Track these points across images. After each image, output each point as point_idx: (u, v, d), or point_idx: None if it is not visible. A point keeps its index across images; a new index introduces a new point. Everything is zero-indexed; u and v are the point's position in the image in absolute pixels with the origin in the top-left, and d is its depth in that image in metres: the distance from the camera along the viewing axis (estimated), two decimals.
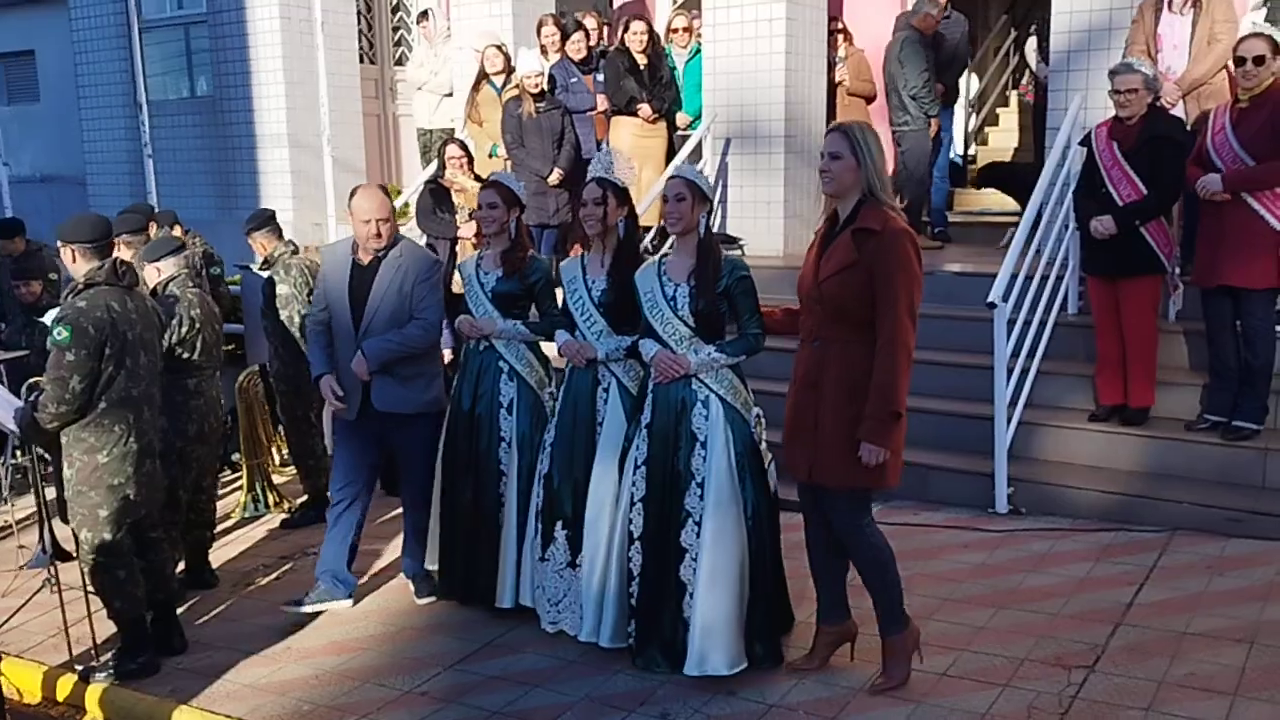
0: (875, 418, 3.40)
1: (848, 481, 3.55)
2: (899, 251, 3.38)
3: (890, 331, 3.38)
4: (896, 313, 3.37)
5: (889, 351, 3.38)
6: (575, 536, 4.20)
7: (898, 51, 7.39)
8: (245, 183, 9.88)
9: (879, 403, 3.39)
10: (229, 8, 9.64)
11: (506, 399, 4.43)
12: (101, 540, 4.12)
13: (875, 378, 3.39)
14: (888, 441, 3.42)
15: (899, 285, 3.37)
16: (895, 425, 3.41)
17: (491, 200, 4.47)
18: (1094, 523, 5.13)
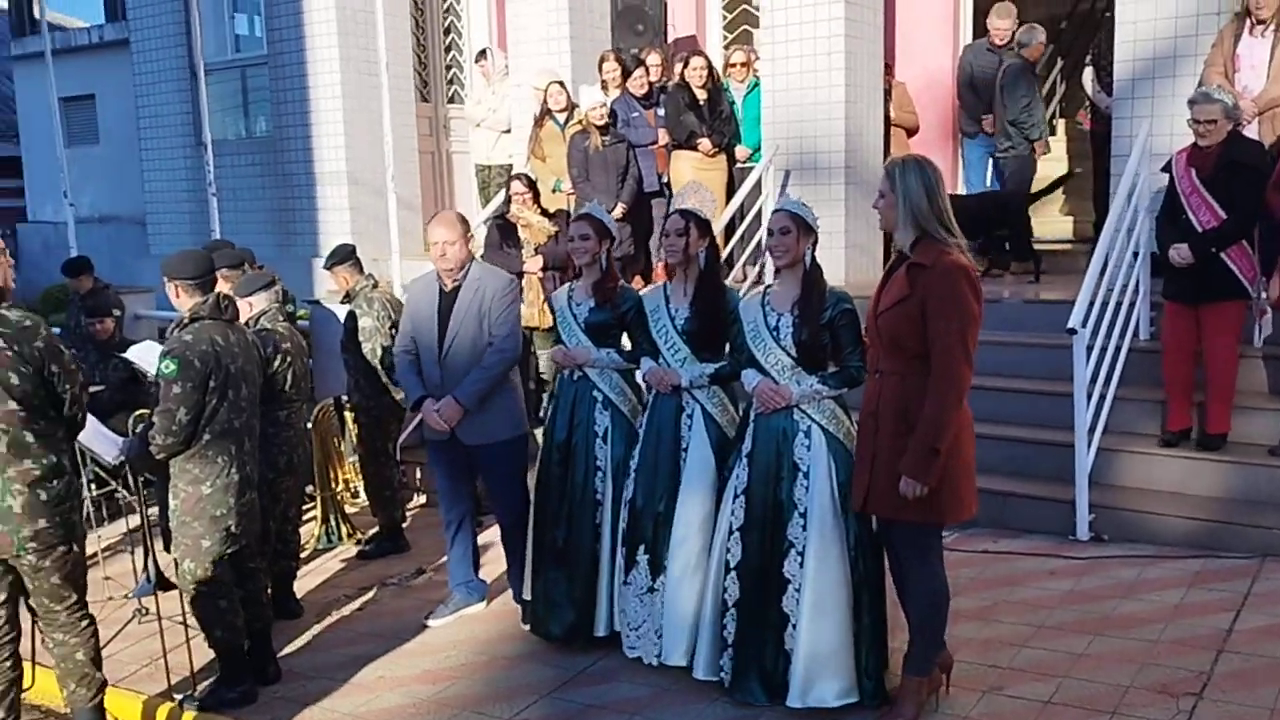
0: (915, 452, 3.39)
1: (898, 514, 3.55)
2: (951, 286, 3.37)
3: (940, 366, 3.37)
4: (948, 347, 3.36)
5: (938, 387, 3.37)
6: (656, 561, 4.22)
7: (1001, 79, 7.46)
8: (304, 220, 10.05)
9: (921, 437, 3.38)
10: (289, 50, 9.85)
11: (601, 428, 4.48)
12: (204, 570, 4.17)
13: (924, 411, 3.39)
14: (925, 476, 3.39)
15: (950, 320, 3.36)
16: (935, 461, 3.37)
17: (584, 231, 4.54)
18: (1180, 549, 5.09)
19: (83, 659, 3.89)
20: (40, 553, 3.66)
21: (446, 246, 4.60)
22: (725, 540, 3.98)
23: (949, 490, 3.48)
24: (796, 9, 7.60)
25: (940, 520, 3.59)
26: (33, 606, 3.80)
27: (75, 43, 13.10)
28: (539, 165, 7.93)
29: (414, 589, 5.49)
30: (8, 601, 3.73)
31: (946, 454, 3.40)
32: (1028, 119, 7.46)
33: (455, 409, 4.58)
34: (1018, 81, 7.45)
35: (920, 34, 9.01)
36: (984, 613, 4.58)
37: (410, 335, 4.77)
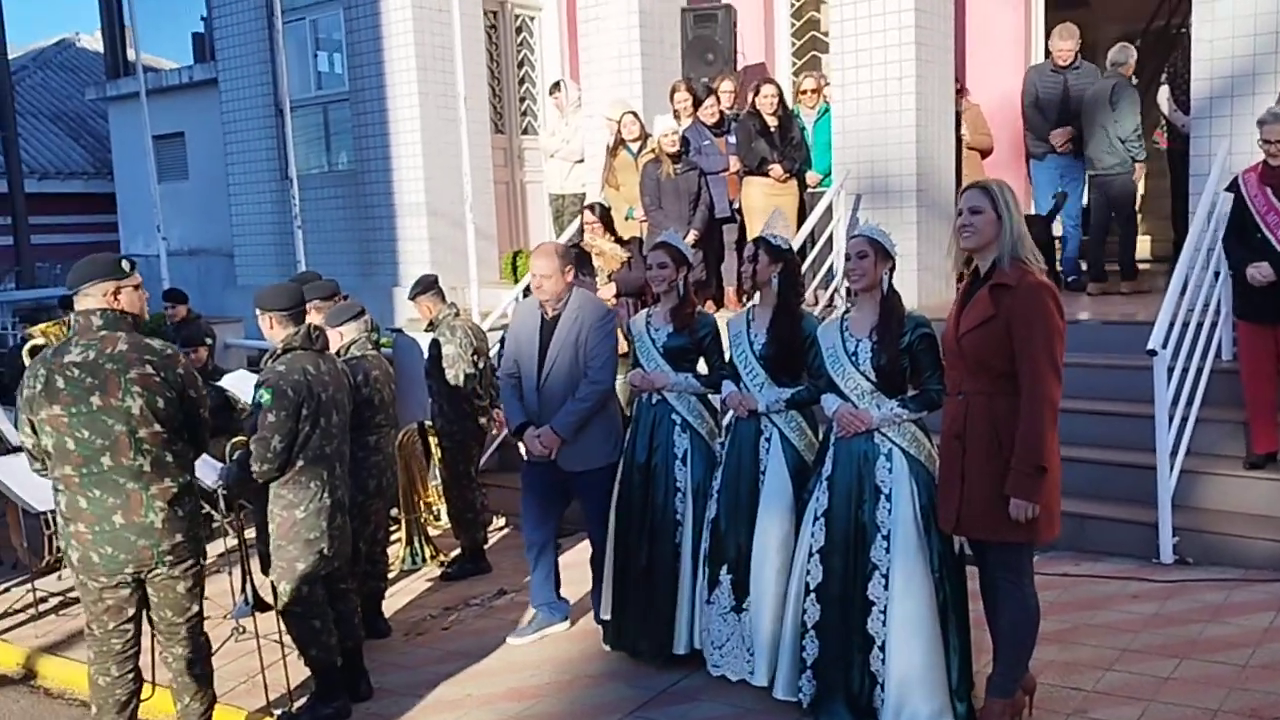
0: (1020, 471, 3.42)
1: (996, 535, 3.57)
2: (1037, 305, 3.42)
3: (1031, 385, 3.41)
4: (1037, 365, 3.40)
5: (1031, 405, 3.41)
6: (740, 581, 4.30)
7: (1109, 96, 7.47)
8: (384, 250, 10.33)
9: (1023, 457, 3.41)
10: (370, 86, 10.17)
11: (680, 450, 4.58)
12: (298, 592, 4.34)
13: (1020, 431, 3.42)
14: (1034, 495, 3.42)
15: (1038, 338, 3.40)
16: (1040, 479, 3.41)
17: (662, 260, 4.66)
18: (1268, 573, 5.02)
19: (199, 674, 4.07)
20: (173, 564, 3.85)
21: (543, 280, 4.75)
22: (805, 563, 4.04)
23: (1043, 509, 3.51)
24: (866, 35, 7.67)
25: (1036, 540, 3.61)
26: (155, 620, 3.98)
27: (166, 83, 13.64)
28: (613, 194, 8.09)
29: (497, 609, 5.62)
30: (135, 617, 3.92)
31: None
32: (1136, 138, 7.49)
33: (554, 439, 4.73)
34: (1127, 101, 7.47)
35: (991, 55, 9.01)
36: (1065, 635, 4.57)
37: (514, 359, 4.93)
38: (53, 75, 18.66)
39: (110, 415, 3.66)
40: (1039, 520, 3.50)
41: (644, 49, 8.82)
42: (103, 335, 3.71)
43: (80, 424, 3.65)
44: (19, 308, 11.67)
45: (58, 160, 16.57)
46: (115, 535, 3.71)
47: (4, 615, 5.94)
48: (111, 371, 3.67)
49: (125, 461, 3.70)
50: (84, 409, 3.64)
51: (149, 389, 3.72)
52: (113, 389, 3.66)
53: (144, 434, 3.72)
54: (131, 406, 3.68)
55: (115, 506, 3.70)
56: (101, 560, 3.72)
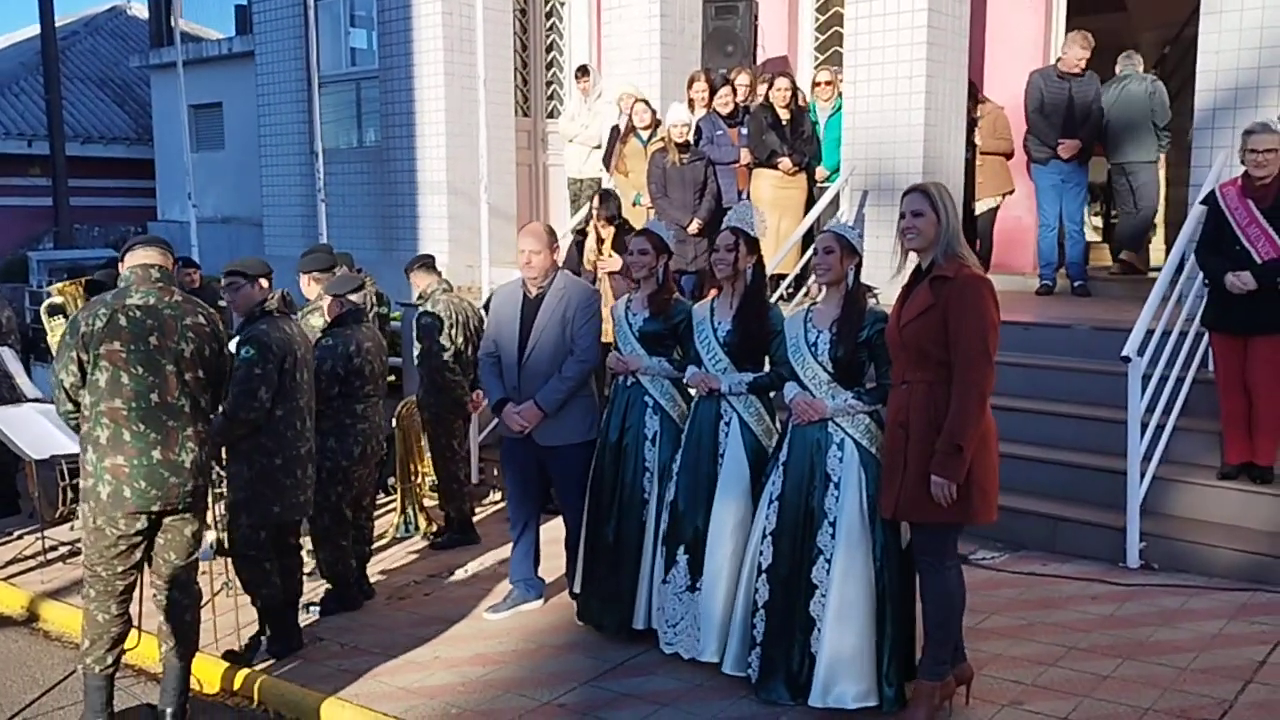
0: (941, 451, 3.60)
1: (929, 516, 3.72)
2: (973, 295, 3.61)
3: (962, 370, 3.58)
4: (969, 352, 3.57)
5: (959, 389, 3.58)
6: (696, 561, 4.44)
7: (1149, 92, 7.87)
8: (405, 226, 10.56)
9: (945, 437, 3.59)
10: (399, 65, 10.38)
11: (651, 431, 4.73)
12: (257, 536, 4.67)
13: (950, 412, 3.59)
14: (952, 474, 3.58)
15: (971, 326, 3.58)
16: (959, 459, 3.57)
17: (643, 246, 4.81)
18: (1229, 581, 5.09)
19: (189, 620, 4.29)
20: (191, 505, 4.11)
21: (532, 255, 4.91)
22: (759, 544, 4.19)
23: (977, 491, 3.67)
24: (880, 33, 7.74)
25: (969, 520, 3.75)
26: (158, 564, 4.19)
27: (207, 54, 13.95)
28: (621, 180, 8.23)
29: (479, 579, 5.81)
30: (141, 562, 4.15)
31: (972, 454, 3.59)
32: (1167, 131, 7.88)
33: (535, 413, 4.88)
34: (1162, 95, 7.89)
35: (1009, 58, 9.02)
36: (1018, 631, 4.67)
37: (493, 339, 5.09)
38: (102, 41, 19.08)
39: (164, 355, 3.96)
40: (972, 502, 3.65)
41: (664, 38, 8.94)
42: (160, 286, 4.04)
43: (136, 360, 3.92)
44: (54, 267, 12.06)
45: (101, 125, 16.97)
46: (152, 470, 3.96)
47: (14, 561, 6.23)
48: (170, 316, 3.99)
49: (170, 400, 3.98)
50: (141, 347, 3.93)
51: (200, 337, 4.04)
52: (170, 331, 3.97)
53: (189, 377, 4.02)
54: (185, 349, 3.99)
55: (156, 441, 3.96)
56: (134, 495, 3.95)
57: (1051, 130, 7.81)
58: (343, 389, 5.12)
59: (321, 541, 5.25)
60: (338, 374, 5.10)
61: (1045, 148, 7.88)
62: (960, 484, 3.61)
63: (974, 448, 3.60)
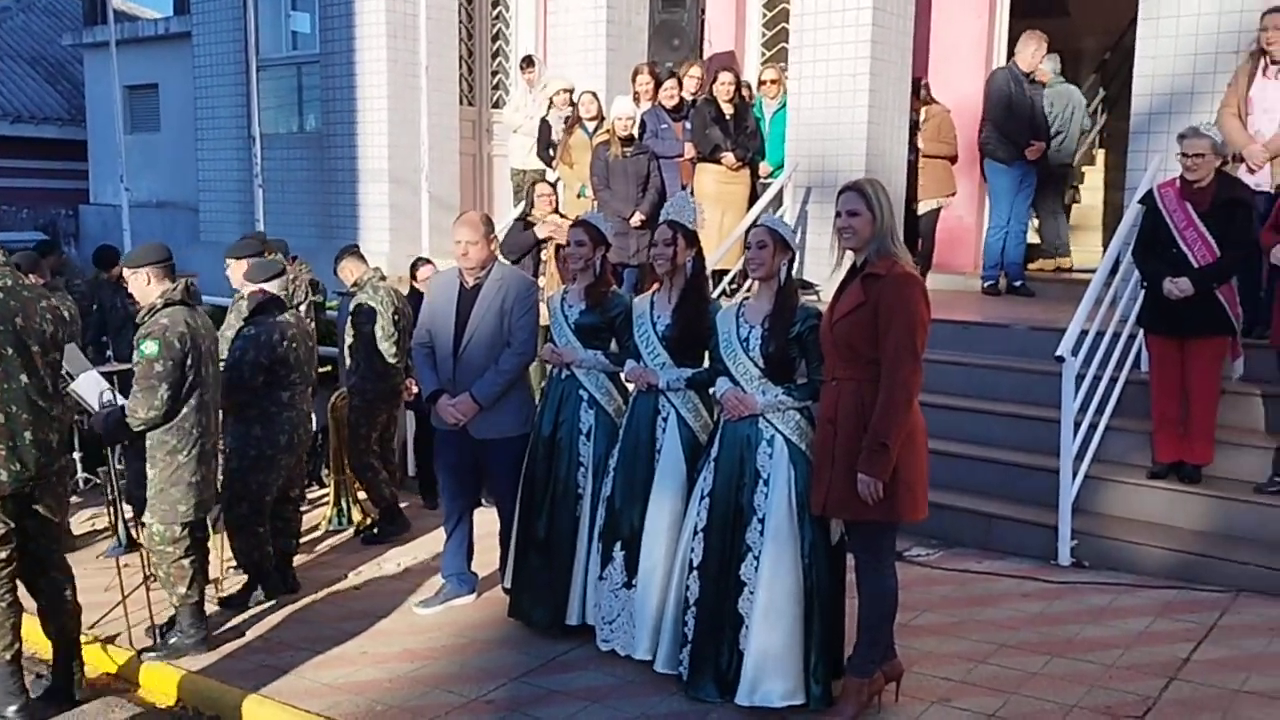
0: (867, 448, 3.58)
1: (856, 513, 3.70)
2: (903, 293, 3.59)
3: (889, 367, 3.57)
4: (897, 349, 3.56)
5: (886, 386, 3.57)
6: (632, 558, 4.39)
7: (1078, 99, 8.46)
8: (345, 215, 10.36)
9: (870, 435, 3.57)
10: (340, 50, 10.18)
11: (586, 426, 4.66)
12: (174, 533, 4.57)
13: (876, 409, 3.58)
14: (878, 471, 3.56)
15: (899, 323, 3.56)
16: (884, 456, 3.55)
17: (580, 238, 4.74)
18: (1157, 580, 5.15)
19: (70, 597, 4.27)
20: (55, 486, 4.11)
21: (469, 246, 4.81)
22: (690, 540, 4.14)
23: (904, 489, 3.65)
24: (825, 29, 7.74)
25: (896, 519, 3.74)
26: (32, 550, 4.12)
27: (142, 33, 13.60)
28: (566, 171, 8.16)
29: (411, 573, 5.71)
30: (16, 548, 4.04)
31: (899, 452, 3.58)
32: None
33: (471, 406, 4.79)
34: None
35: (953, 61, 9.08)
36: (950, 629, 4.69)
37: (428, 329, 4.99)
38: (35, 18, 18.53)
39: (29, 336, 3.92)
40: (899, 499, 3.63)
41: (610, 30, 8.88)
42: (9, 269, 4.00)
43: (6, 341, 3.86)
44: None
45: (32, 104, 16.48)
46: (24, 450, 3.90)
47: None
48: (29, 298, 3.98)
49: (38, 380, 3.95)
50: (9, 328, 3.86)
51: (56, 320, 4.05)
52: (32, 313, 3.94)
53: (51, 358, 4.02)
54: (46, 330, 3.97)
55: (28, 423, 3.93)
56: (9, 477, 3.89)
57: (1021, 132, 7.78)
58: (268, 378, 5.00)
59: (237, 530, 5.14)
60: (262, 363, 4.96)
61: (1013, 148, 7.81)
62: (886, 481, 3.59)
63: (900, 445, 3.59)
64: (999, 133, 7.87)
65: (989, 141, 7.95)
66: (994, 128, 7.87)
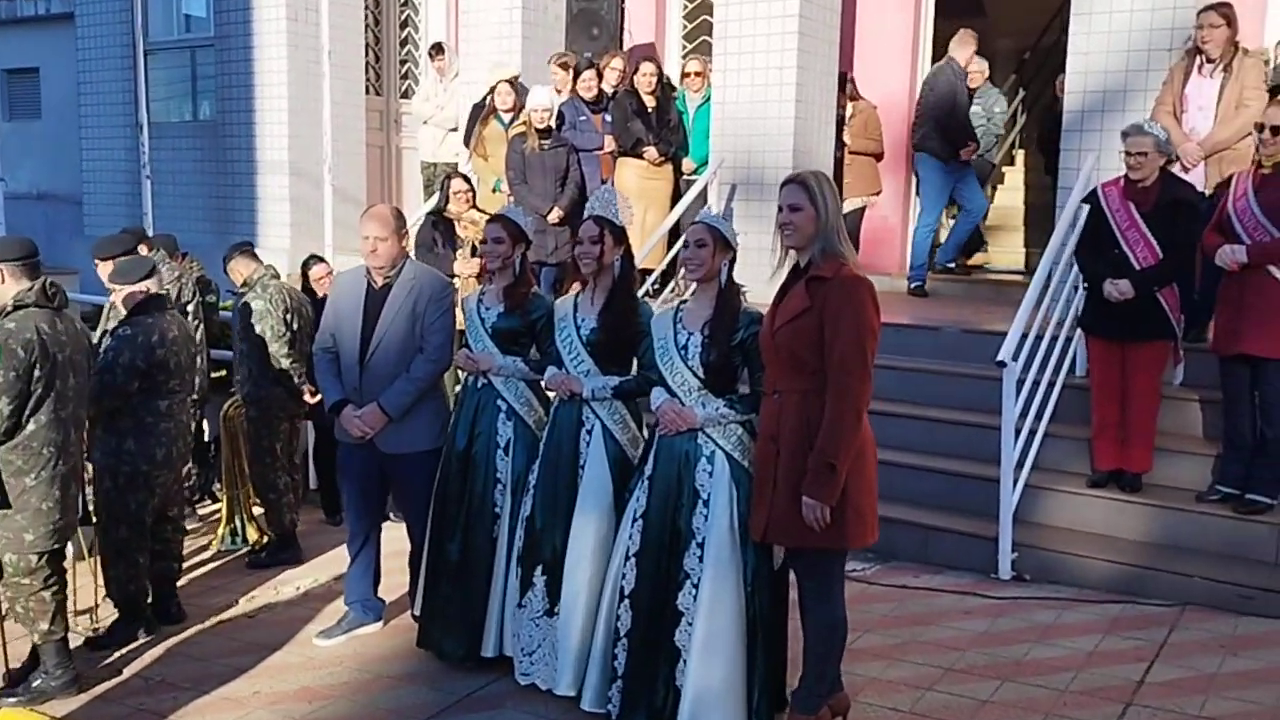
0: (813, 469, 3.27)
1: (800, 540, 3.38)
2: (851, 298, 3.27)
3: (836, 379, 3.26)
4: (845, 360, 3.24)
5: (833, 401, 3.26)
6: (555, 584, 4.01)
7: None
8: (243, 208, 9.77)
9: (816, 454, 3.26)
10: (236, 33, 9.58)
11: (504, 439, 4.28)
12: (28, 563, 4.04)
13: (823, 427, 3.26)
14: (825, 495, 3.25)
15: (847, 331, 3.25)
16: (832, 479, 3.24)
17: (497, 235, 4.35)
18: (1100, 593, 4.96)
19: None
20: None
21: (378, 242, 4.38)
22: (621, 566, 3.79)
23: (852, 513, 3.34)
24: (750, 20, 7.46)
25: (844, 546, 3.43)
26: None
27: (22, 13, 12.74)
28: (480, 164, 7.75)
29: (311, 598, 5.25)
30: None
31: (847, 473, 3.27)
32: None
33: (379, 417, 4.36)
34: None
35: (879, 57, 8.90)
36: (893, 652, 4.42)
37: (331, 333, 4.54)
38: None
39: None
40: (847, 524, 3.33)
41: (526, 17, 8.47)
42: None
43: None
44: None
45: None
46: None
47: None
48: None
49: None
50: None
51: None
52: None
53: None
54: None
55: None
56: None
57: (961, 131, 7.66)
58: (144, 384, 4.48)
59: (115, 557, 4.60)
60: (138, 367, 4.44)
61: (949, 146, 7.66)
62: (834, 506, 3.28)
63: (849, 465, 3.28)
64: (940, 130, 7.70)
65: (929, 138, 7.75)
66: (935, 125, 7.69)
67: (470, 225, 6.72)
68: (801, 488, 3.29)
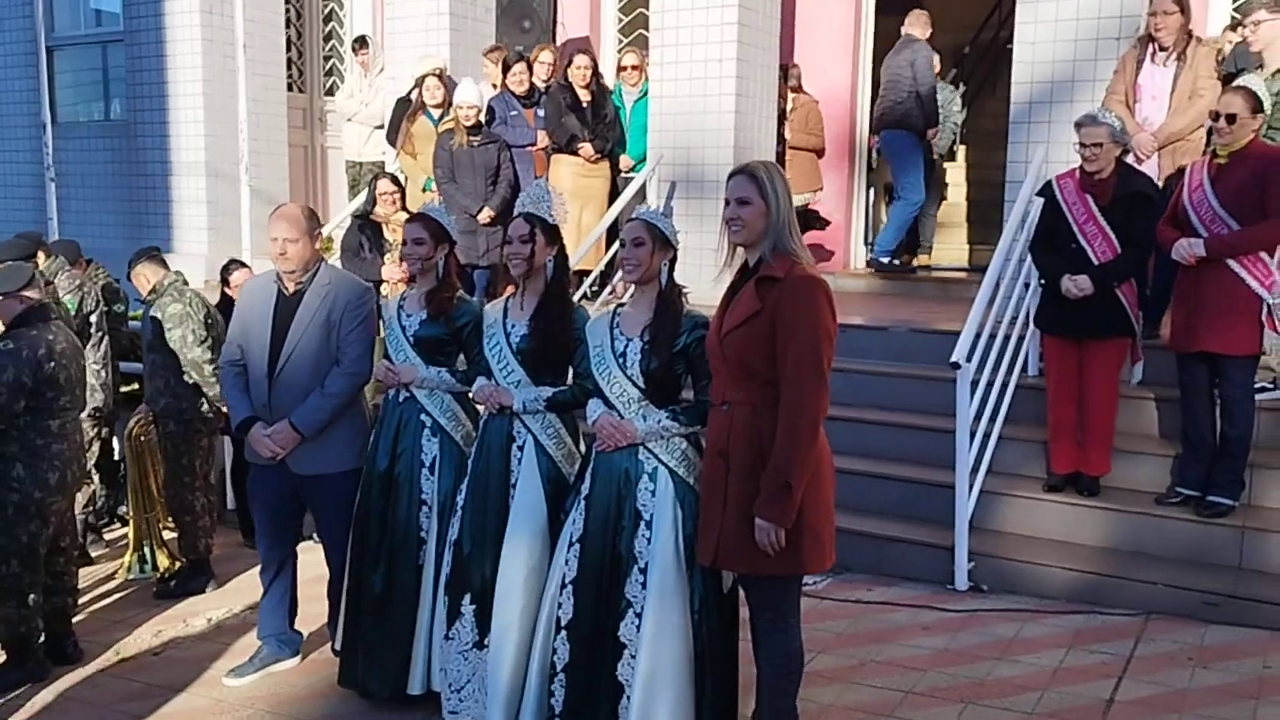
0: (766, 489, 2.98)
1: (754, 567, 3.10)
2: (804, 300, 2.99)
3: (790, 389, 2.97)
4: (799, 368, 2.96)
5: (787, 413, 2.97)
6: (485, 613, 3.68)
7: None
8: (157, 212, 9.26)
9: (771, 472, 2.97)
10: (147, 27, 9.08)
11: (429, 457, 3.94)
12: None
13: (776, 442, 2.98)
14: (780, 517, 2.97)
15: (802, 336, 2.96)
16: (788, 499, 2.96)
17: (418, 235, 4.01)
18: (1061, 603, 4.75)
19: None
20: None
21: (288, 244, 4.01)
22: (557, 594, 3.47)
23: (809, 535, 3.06)
24: (688, 10, 7.18)
25: (800, 571, 3.15)
26: None
27: None
28: (409, 162, 7.40)
29: (224, 631, 4.86)
30: None
31: (804, 491, 2.98)
32: None
33: (291, 436, 3.99)
34: None
35: (819, 50, 8.68)
36: (850, 673, 4.15)
37: (238, 344, 4.16)
38: None
39: None
40: (802, 548, 3.04)
41: (454, 9, 8.10)
42: None
43: None
44: None
45: None
46: None
47: None
48: None
49: None
50: None
51: None
52: None
53: None
54: None
55: None
56: None
57: (935, 111, 7.75)
58: (31, 403, 4.07)
59: (4, 596, 4.17)
60: (24, 384, 4.03)
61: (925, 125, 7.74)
62: (789, 528, 3.00)
63: (805, 483, 3.00)
64: (921, 105, 7.65)
65: (911, 114, 7.66)
66: (918, 100, 7.63)
67: (399, 228, 6.36)
68: (754, 508, 3.00)
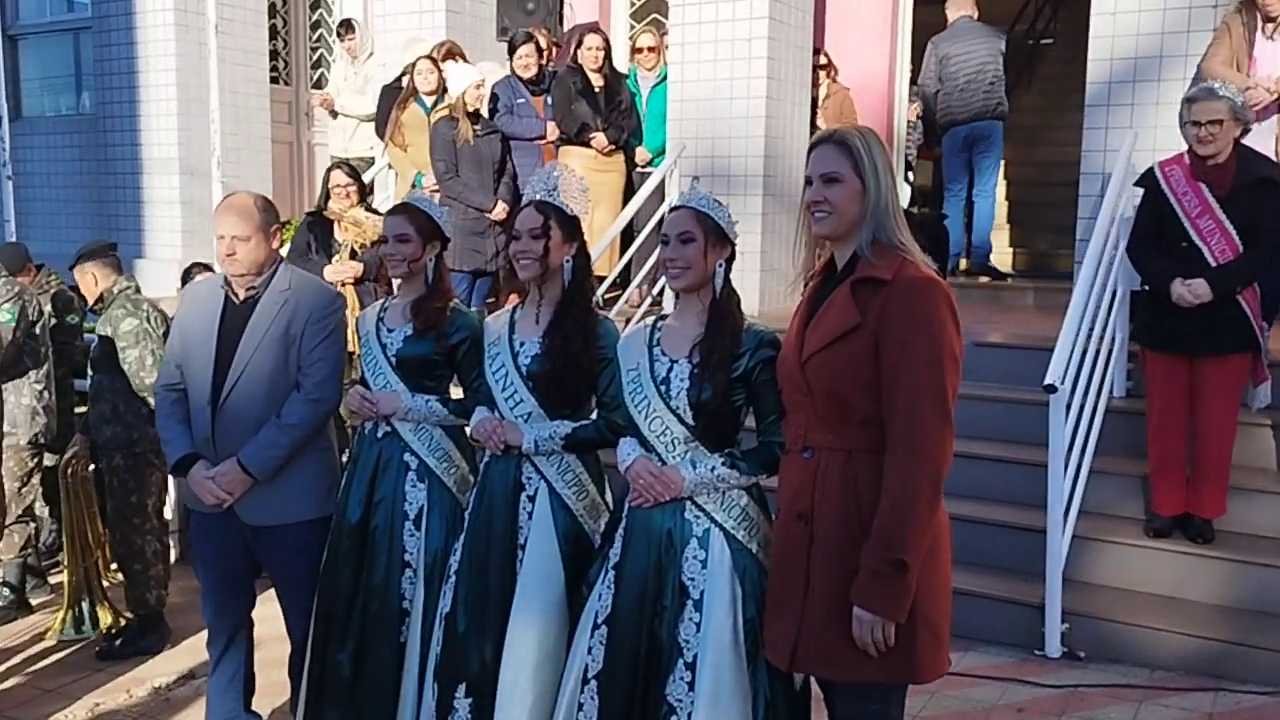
0: (869, 569, 2.21)
1: (850, 673, 2.32)
2: (921, 310, 2.22)
3: (903, 433, 2.19)
4: (914, 403, 2.18)
5: (898, 465, 2.20)
6: (483, 706, 2.90)
7: None
8: (128, 213, 8.51)
9: (876, 546, 2.20)
10: (117, 13, 8.34)
11: (414, 507, 3.17)
12: None
13: (883, 504, 2.21)
14: (888, 608, 2.20)
15: (920, 360, 2.19)
16: (901, 582, 2.18)
17: (402, 231, 3.23)
18: (1178, 676, 3.96)
19: None
20: None
21: (236, 243, 3.21)
22: (577, 691, 2.68)
23: (925, 631, 2.29)
24: None
25: (913, 680, 2.37)
26: None
27: None
28: (398, 155, 6.62)
29: (172, 703, 4.07)
30: None
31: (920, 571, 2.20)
32: None
33: (240, 479, 3.18)
34: None
35: (854, 32, 7.93)
36: None
37: (176, 363, 3.35)
38: None
39: None
40: (918, 649, 2.27)
41: None
42: None
43: None
44: None
45: None
46: None
47: None
48: None
49: None
50: None
51: None
52: None
53: None
54: None
55: None
56: None
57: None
58: None
59: None
60: None
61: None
62: (901, 621, 2.21)
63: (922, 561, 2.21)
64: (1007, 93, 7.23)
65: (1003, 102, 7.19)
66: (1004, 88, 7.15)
67: (351, 226, 5.48)
68: (851, 595, 2.21)
